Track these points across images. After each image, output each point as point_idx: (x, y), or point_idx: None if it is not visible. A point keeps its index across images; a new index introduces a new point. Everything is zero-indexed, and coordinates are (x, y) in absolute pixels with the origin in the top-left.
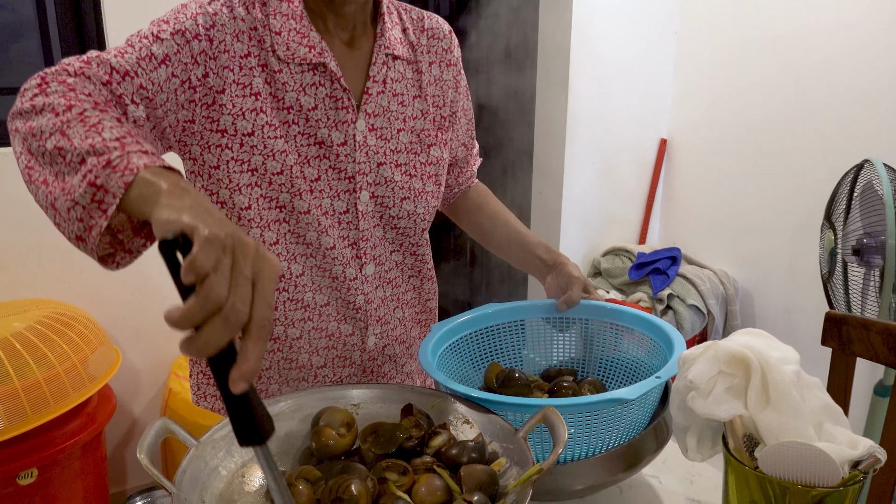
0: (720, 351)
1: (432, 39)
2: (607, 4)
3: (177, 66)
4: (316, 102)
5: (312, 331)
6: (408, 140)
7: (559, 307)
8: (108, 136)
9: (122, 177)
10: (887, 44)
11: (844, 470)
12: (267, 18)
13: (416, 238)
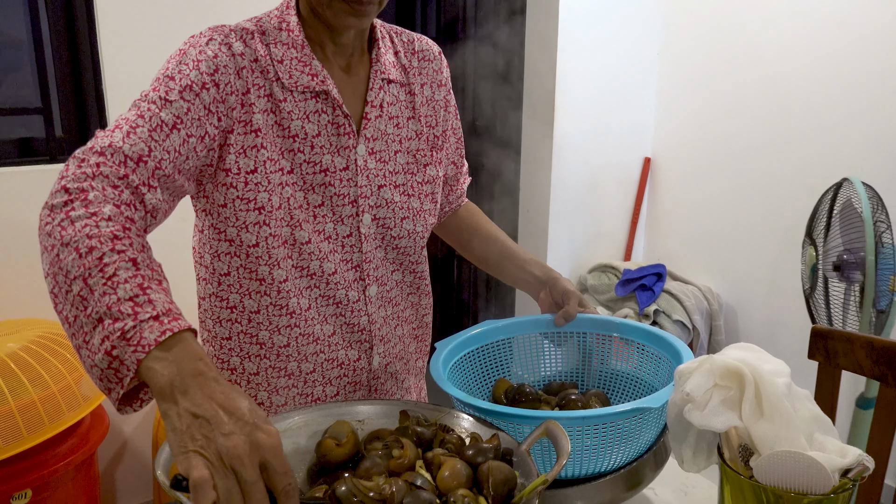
0: (715, 365)
1: (423, 61)
2: (591, 26)
3: (190, 124)
4: (319, 129)
5: (325, 362)
6: (404, 161)
7: (557, 322)
8: (123, 294)
9: (134, 352)
10: (865, 66)
11: (835, 478)
12: (268, 48)
13: (415, 256)
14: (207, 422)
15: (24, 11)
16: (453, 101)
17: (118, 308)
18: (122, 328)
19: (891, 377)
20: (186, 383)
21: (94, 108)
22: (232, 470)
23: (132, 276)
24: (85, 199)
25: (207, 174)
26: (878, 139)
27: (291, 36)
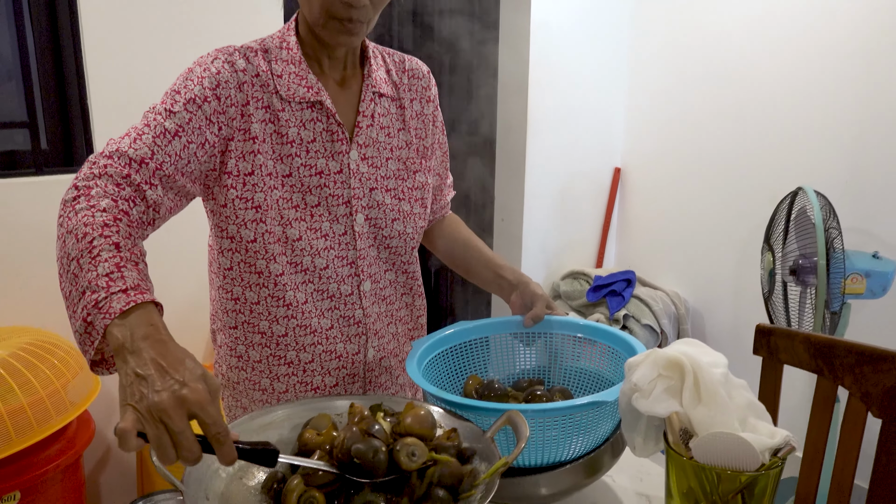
0: (659, 357)
1: (413, 79)
2: (562, 42)
3: (191, 133)
4: (314, 136)
5: (323, 354)
6: (395, 167)
7: (526, 323)
8: (102, 271)
9: (103, 318)
10: (821, 82)
11: (765, 456)
12: (269, 64)
13: (406, 256)
14: (145, 380)
15: (9, 28)
16: (440, 117)
17: (96, 282)
18: (97, 299)
19: (826, 370)
20: (137, 345)
21: (79, 122)
22: (161, 421)
23: (112, 256)
24: (89, 194)
25: (212, 178)
26: (831, 151)
27: (290, 53)
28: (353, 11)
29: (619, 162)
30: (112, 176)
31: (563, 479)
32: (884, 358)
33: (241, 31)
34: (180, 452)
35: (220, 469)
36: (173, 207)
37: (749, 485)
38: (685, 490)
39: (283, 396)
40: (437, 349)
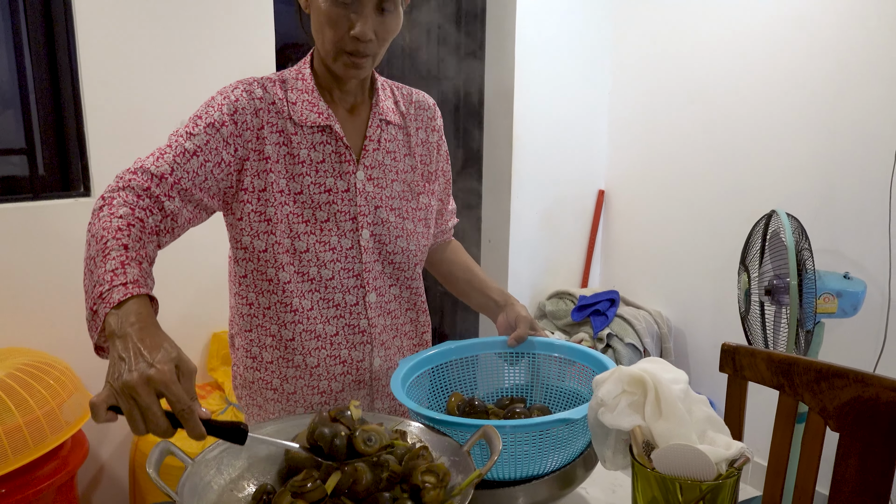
0: (623, 374)
1: (419, 110)
2: (546, 69)
3: (208, 153)
4: (324, 157)
5: (328, 358)
6: (400, 189)
7: (509, 343)
8: (109, 267)
9: (104, 308)
10: (793, 110)
11: (721, 467)
12: (285, 93)
13: (410, 272)
14: (123, 361)
15: (8, 58)
16: (445, 146)
17: (103, 277)
18: (101, 291)
19: (787, 386)
20: (124, 331)
21: (76, 148)
22: (132, 397)
23: (119, 255)
24: (111, 203)
25: (230, 194)
26: (805, 175)
27: (304, 83)
28: (360, 46)
29: (603, 185)
30: (134, 188)
31: (539, 491)
32: (839, 375)
33: (234, 63)
34: (148, 426)
35: (212, 482)
36: (192, 219)
37: (710, 494)
38: (650, 499)
39: (291, 397)
40: (425, 366)
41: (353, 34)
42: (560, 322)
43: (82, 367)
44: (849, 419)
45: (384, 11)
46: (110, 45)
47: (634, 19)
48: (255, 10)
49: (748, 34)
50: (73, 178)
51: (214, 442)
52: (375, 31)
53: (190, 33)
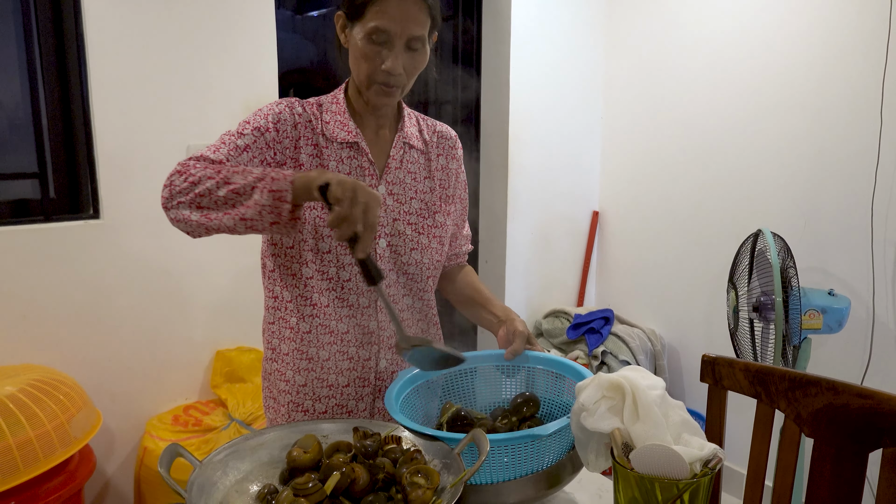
0: (602, 380)
1: (441, 139)
2: (540, 92)
3: (255, 151)
4: (350, 170)
5: (337, 353)
6: (418, 206)
7: (506, 357)
8: (257, 173)
9: (284, 181)
10: (777, 133)
11: (696, 467)
12: (321, 113)
13: (422, 284)
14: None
15: (22, 86)
16: (464, 175)
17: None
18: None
19: (764, 395)
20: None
21: (86, 172)
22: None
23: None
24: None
25: None
26: (792, 196)
27: (338, 107)
28: (391, 78)
29: (597, 206)
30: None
31: (524, 490)
32: (812, 383)
33: (237, 91)
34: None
35: (218, 482)
36: None
37: (689, 492)
38: (630, 499)
39: (302, 389)
40: (424, 377)
41: (385, 68)
42: (556, 340)
43: (90, 383)
44: (822, 425)
45: (413, 49)
46: (120, 74)
47: (626, 43)
48: (259, 40)
49: (735, 58)
50: (83, 201)
51: (220, 446)
52: (404, 66)
53: (196, 62)
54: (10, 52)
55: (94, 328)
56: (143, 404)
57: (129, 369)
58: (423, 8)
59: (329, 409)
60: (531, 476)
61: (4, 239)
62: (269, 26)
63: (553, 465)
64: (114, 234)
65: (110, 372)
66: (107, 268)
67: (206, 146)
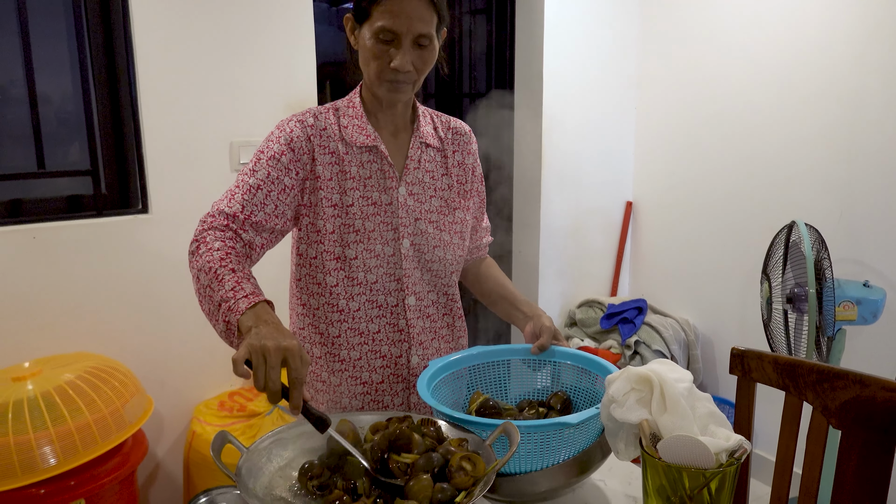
0: (631, 373)
1: (456, 135)
2: (574, 85)
3: (270, 183)
4: (370, 174)
5: (369, 353)
6: (438, 204)
7: (533, 351)
8: (228, 287)
9: (235, 315)
10: (813, 123)
11: (722, 457)
12: (338, 119)
13: (446, 280)
14: (259, 335)
15: (75, 90)
16: (480, 169)
17: (225, 295)
18: (229, 305)
19: (792, 388)
20: (258, 325)
21: (135, 169)
22: (263, 357)
23: (231, 277)
24: (205, 241)
25: (299, 212)
26: (827, 186)
27: (355, 110)
28: (400, 75)
29: (631, 196)
30: (216, 228)
31: (556, 477)
32: (840, 376)
33: (278, 85)
34: (267, 383)
35: (263, 467)
36: (265, 244)
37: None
38: (658, 487)
39: (337, 389)
40: (454, 368)
41: (393, 66)
42: (589, 330)
43: (141, 371)
44: (849, 418)
45: (421, 46)
46: (166, 74)
47: (661, 33)
48: (298, 38)
49: (771, 48)
50: (133, 196)
51: (266, 433)
52: (413, 62)
53: (237, 60)
54: (61, 50)
55: (145, 318)
56: (191, 390)
57: (178, 357)
58: (428, 6)
59: (365, 406)
60: (562, 464)
61: (60, 233)
62: (307, 24)
63: (583, 451)
64: (162, 228)
65: (160, 360)
66: (155, 260)
67: (248, 143)
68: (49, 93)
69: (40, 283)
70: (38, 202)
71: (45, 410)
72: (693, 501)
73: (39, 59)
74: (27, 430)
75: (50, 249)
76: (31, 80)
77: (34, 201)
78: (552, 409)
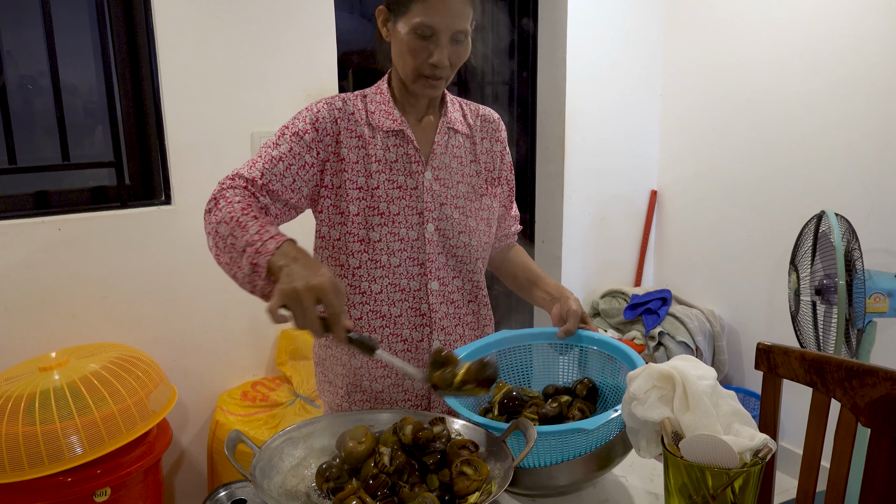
0: (653, 370)
1: (485, 122)
2: (597, 71)
3: (292, 157)
4: (396, 157)
5: (390, 336)
6: (464, 190)
7: (559, 335)
8: (252, 231)
9: (265, 256)
10: (843, 109)
11: (746, 457)
12: (365, 104)
13: (471, 266)
14: (290, 276)
15: (98, 83)
16: (509, 157)
17: (251, 239)
18: (256, 248)
19: (820, 384)
20: (289, 261)
21: (158, 160)
22: (297, 299)
23: (255, 222)
24: (224, 196)
25: (316, 193)
26: (858, 174)
27: (382, 96)
28: (437, 71)
29: (656, 185)
30: (236, 188)
31: (575, 471)
32: (869, 373)
33: (300, 77)
34: (307, 323)
35: (276, 466)
36: (279, 215)
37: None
38: (680, 486)
39: (358, 371)
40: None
41: (431, 62)
42: (613, 320)
43: (165, 361)
44: (879, 416)
45: (457, 42)
46: (188, 65)
47: (687, 19)
48: (319, 28)
49: (799, 34)
50: (156, 187)
51: (278, 432)
52: (449, 57)
53: (258, 51)
54: (85, 43)
55: (168, 308)
56: (214, 380)
57: (201, 347)
58: (467, 2)
59: (385, 389)
60: (581, 458)
61: (85, 225)
62: (328, 14)
63: (603, 446)
64: (184, 219)
65: (183, 350)
66: (179, 251)
67: (269, 133)
68: (73, 85)
69: (66, 274)
70: (63, 194)
71: (71, 400)
72: (716, 501)
73: (63, 51)
74: (54, 420)
75: (75, 241)
76: (55, 73)
77: (59, 193)
78: (577, 398)
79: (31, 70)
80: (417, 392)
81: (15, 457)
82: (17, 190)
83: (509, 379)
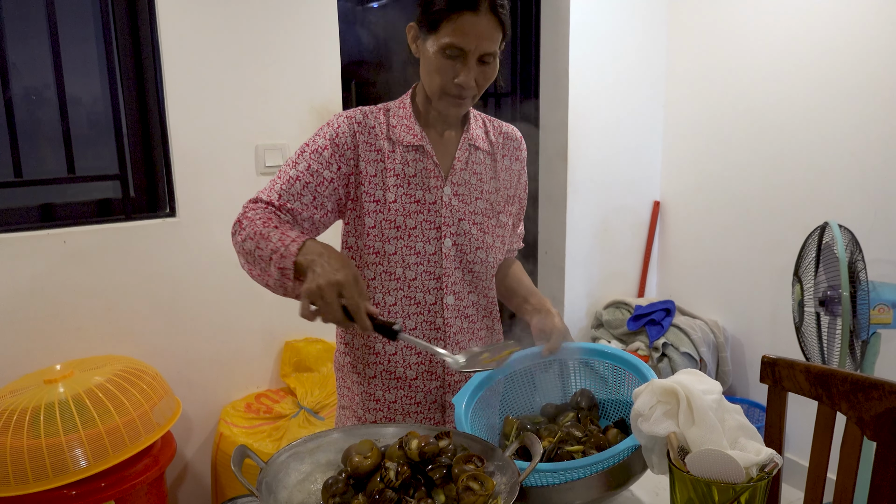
0: (657, 386)
1: (507, 140)
2: (600, 82)
3: (310, 175)
4: (416, 172)
5: (404, 348)
6: (483, 206)
7: (543, 354)
8: (274, 240)
9: (289, 259)
10: (846, 120)
11: (752, 471)
12: (388, 118)
13: (487, 282)
14: (315, 272)
15: (104, 97)
16: (525, 176)
17: (274, 247)
18: (280, 253)
19: (825, 397)
20: (313, 259)
21: (163, 173)
22: (320, 296)
23: (276, 232)
24: (246, 216)
25: (342, 206)
26: (861, 184)
27: (405, 111)
28: (463, 91)
29: (659, 196)
30: (256, 210)
31: (589, 491)
32: (875, 386)
33: (303, 91)
34: (333, 319)
35: (282, 481)
36: (305, 232)
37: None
38: (686, 501)
39: (372, 381)
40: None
41: (458, 82)
42: (616, 331)
43: (169, 373)
44: (884, 430)
45: (485, 63)
46: (192, 78)
47: (689, 29)
48: (322, 42)
49: (802, 44)
50: (160, 200)
51: (283, 447)
52: (476, 78)
53: (262, 64)
54: (90, 55)
55: (173, 321)
56: (219, 392)
57: (205, 359)
58: (496, 25)
59: (398, 399)
60: (595, 475)
61: (90, 237)
62: (331, 27)
63: (617, 465)
64: (189, 231)
65: (187, 362)
66: (183, 263)
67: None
68: (78, 97)
69: (70, 286)
70: (68, 206)
71: (75, 413)
72: None
73: (68, 64)
74: (58, 433)
75: (80, 254)
76: (60, 85)
77: (64, 206)
78: (581, 410)
79: (36, 83)
80: (430, 404)
81: (19, 470)
82: (22, 203)
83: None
